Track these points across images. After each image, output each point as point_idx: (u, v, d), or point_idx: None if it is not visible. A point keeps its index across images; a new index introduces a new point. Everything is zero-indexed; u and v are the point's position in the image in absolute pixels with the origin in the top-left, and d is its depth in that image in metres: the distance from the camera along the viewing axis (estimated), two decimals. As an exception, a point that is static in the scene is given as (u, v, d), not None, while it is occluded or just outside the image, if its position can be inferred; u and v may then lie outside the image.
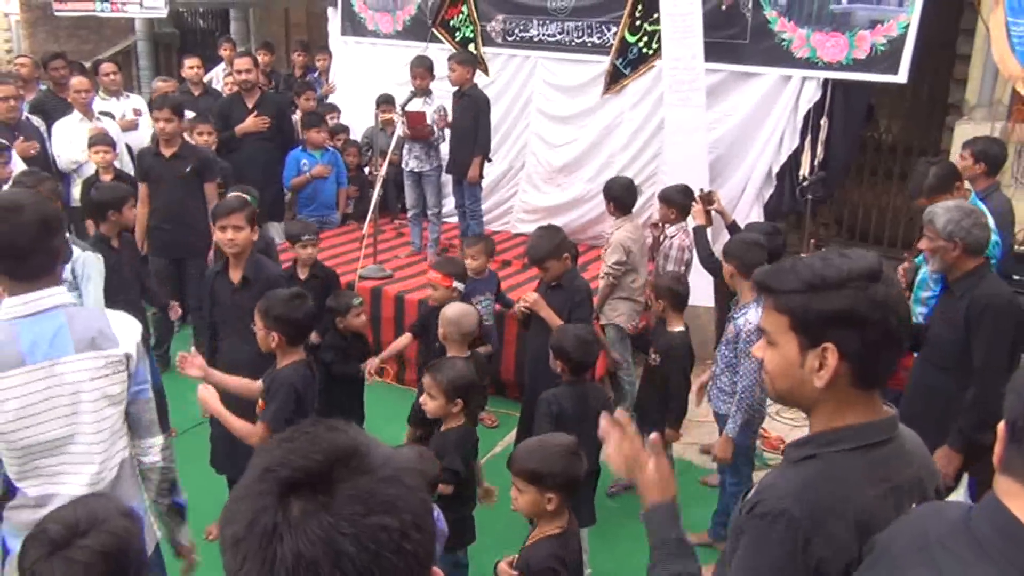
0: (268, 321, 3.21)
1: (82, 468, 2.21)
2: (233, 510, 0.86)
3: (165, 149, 5.60)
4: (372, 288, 5.83)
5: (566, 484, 2.57)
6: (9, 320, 2.12)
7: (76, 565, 1.56)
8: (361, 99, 7.65)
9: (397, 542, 0.83)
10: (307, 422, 0.93)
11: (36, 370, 2.10)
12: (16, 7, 12.38)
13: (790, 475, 1.51)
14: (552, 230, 4.39)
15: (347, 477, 0.84)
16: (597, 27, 6.66)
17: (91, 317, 2.26)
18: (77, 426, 2.18)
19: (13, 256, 2.11)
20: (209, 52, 9.48)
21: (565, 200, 7.02)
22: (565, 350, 3.55)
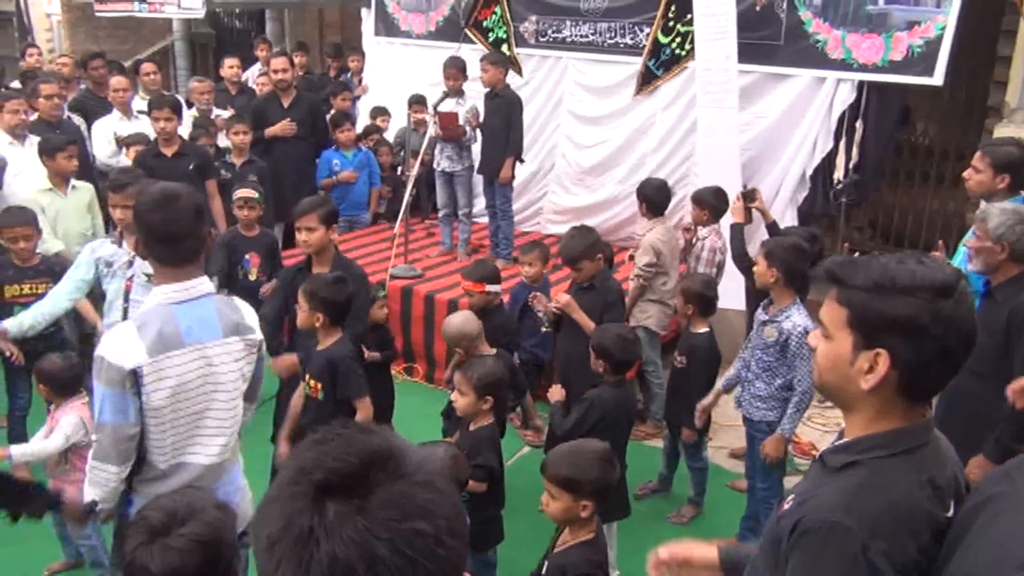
0: (314, 302, 3.34)
1: (212, 440, 2.42)
2: (267, 511, 0.86)
3: (166, 148, 5.70)
4: (402, 287, 5.87)
5: (601, 491, 2.56)
6: (167, 304, 2.31)
7: (173, 552, 1.62)
8: (393, 99, 7.70)
9: (432, 548, 0.82)
10: (339, 422, 0.93)
11: (192, 351, 2.32)
12: (58, 7, 12.63)
13: (835, 485, 1.48)
14: (585, 230, 4.37)
15: (382, 481, 0.84)
16: (630, 28, 6.65)
17: (232, 306, 2.49)
18: (214, 403, 2.40)
19: (169, 241, 2.31)
20: (244, 52, 9.59)
21: (594, 201, 7.01)
22: (607, 349, 3.57)
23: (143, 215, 2.33)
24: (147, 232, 2.34)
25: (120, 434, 2.27)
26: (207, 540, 1.66)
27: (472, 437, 3.30)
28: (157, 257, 2.36)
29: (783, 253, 3.73)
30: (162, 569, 1.62)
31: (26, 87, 6.83)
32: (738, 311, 5.19)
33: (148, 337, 2.25)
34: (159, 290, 2.36)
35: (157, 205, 2.31)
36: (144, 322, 2.29)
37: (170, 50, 11.62)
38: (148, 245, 2.37)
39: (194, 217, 2.34)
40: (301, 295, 3.40)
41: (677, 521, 4.31)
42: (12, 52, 10.98)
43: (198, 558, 1.64)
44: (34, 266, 4.31)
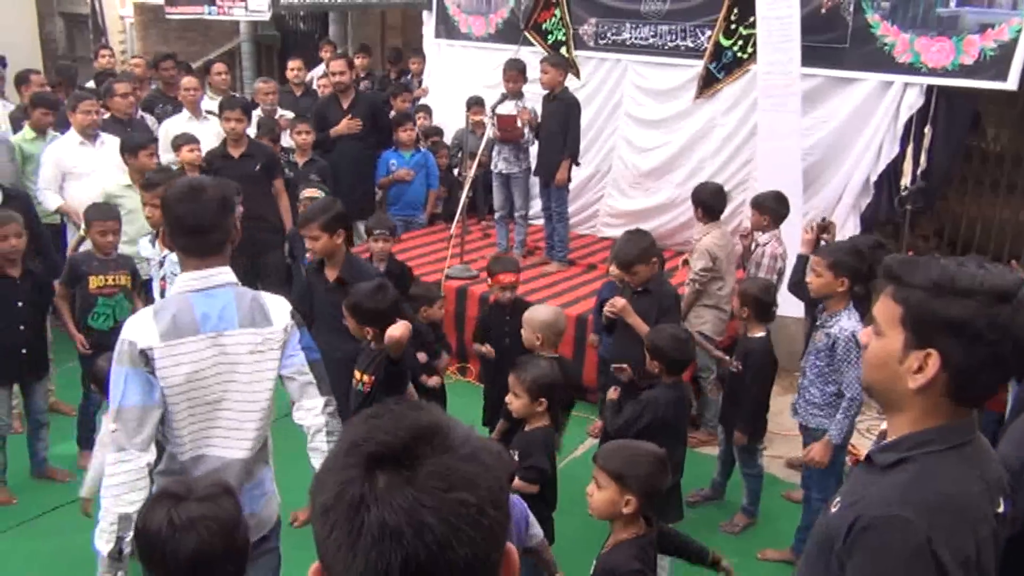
0: (359, 317, 3.35)
1: (231, 434, 2.40)
2: (322, 480, 0.91)
3: (233, 149, 5.82)
4: (457, 287, 5.91)
5: (647, 491, 2.56)
6: (185, 293, 2.33)
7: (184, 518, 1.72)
8: (452, 101, 7.77)
9: (475, 517, 0.86)
10: (392, 400, 0.98)
11: (206, 339, 2.30)
12: (131, 10, 13.05)
13: (886, 482, 1.46)
14: (640, 234, 4.35)
15: (429, 454, 0.88)
16: (691, 31, 6.59)
17: (252, 297, 2.45)
18: (228, 394, 2.37)
19: (195, 232, 2.32)
20: (309, 54, 9.78)
21: (652, 205, 6.97)
22: (662, 349, 3.57)
23: (170, 207, 2.36)
24: (174, 223, 2.37)
25: (143, 416, 2.25)
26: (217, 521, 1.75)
27: (525, 438, 3.30)
28: (183, 248, 2.38)
29: (852, 260, 3.67)
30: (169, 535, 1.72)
31: (100, 87, 7.07)
32: (797, 319, 5.10)
33: (163, 322, 2.27)
34: (179, 278, 2.39)
35: (184, 197, 2.34)
36: (161, 307, 2.33)
37: (236, 52, 11.91)
38: (174, 236, 2.40)
39: (219, 209, 2.35)
40: (345, 310, 3.42)
41: (730, 530, 4.26)
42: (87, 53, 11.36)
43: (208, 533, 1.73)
44: (113, 259, 4.51)
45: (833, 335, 3.68)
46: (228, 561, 1.75)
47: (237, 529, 1.76)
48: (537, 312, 3.89)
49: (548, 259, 6.53)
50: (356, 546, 0.85)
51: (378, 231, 4.84)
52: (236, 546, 1.77)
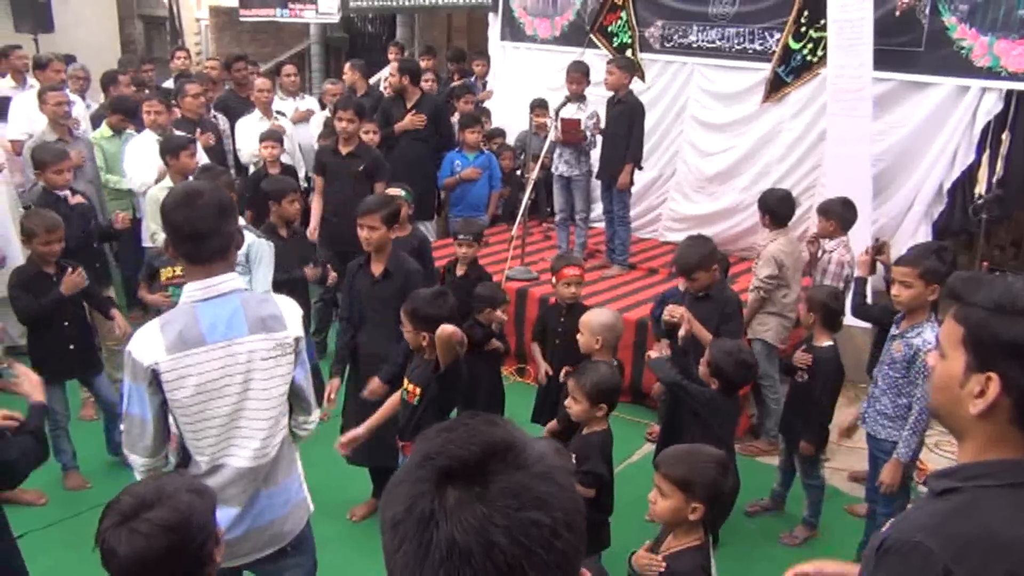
0: (416, 323, 3.35)
1: (247, 443, 2.36)
2: (393, 493, 0.90)
3: (343, 147, 5.93)
4: (518, 289, 5.93)
5: (713, 497, 2.52)
6: (191, 303, 2.29)
7: (139, 536, 1.68)
8: (516, 103, 7.80)
9: (548, 539, 0.83)
10: (466, 414, 0.96)
11: (215, 349, 2.27)
12: (206, 13, 13.44)
13: (927, 508, 1.42)
14: (702, 240, 4.30)
15: (502, 471, 0.86)
16: (759, 33, 6.49)
17: (262, 301, 2.41)
18: (246, 402, 2.34)
19: (193, 238, 2.26)
20: (375, 56, 9.92)
21: (716, 209, 6.89)
22: (722, 370, 3.52)
23: (167, 213, 2.30)
24: (172, 230, 2.30)
25: (143, 428, 2.29)
26: (172, 524, 1.69)
27: (583, 442, 3.29)
28: (184, 255, 2.32)
29: (941, 267, 3.56)
30: (128, 552, 1.68)
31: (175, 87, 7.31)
32: (863, 328, 4.99)
33: (169, 336, 2.23)
34: (185, 289, 2.34)
35: (180, 203, 2.28)
36: (167, 320, 2.28)
37: (306, 54, 12.16)
38: (174, 244, 2.33)
39: (217, 215, 2.27)
40: (404, 316, 3.41)
41: (790, 542, 4.18)
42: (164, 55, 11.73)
43: (163, 542, 1.68)
44: None
45: (915, 346, 3.54)
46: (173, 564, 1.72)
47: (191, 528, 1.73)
48: (596, 316, 3.84)
49: (609, 262, 6.51)
50: (424, 563, 0.83)
51: (462, 236, 4.88)
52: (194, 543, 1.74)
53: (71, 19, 12.43)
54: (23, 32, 11.34)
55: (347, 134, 5.87)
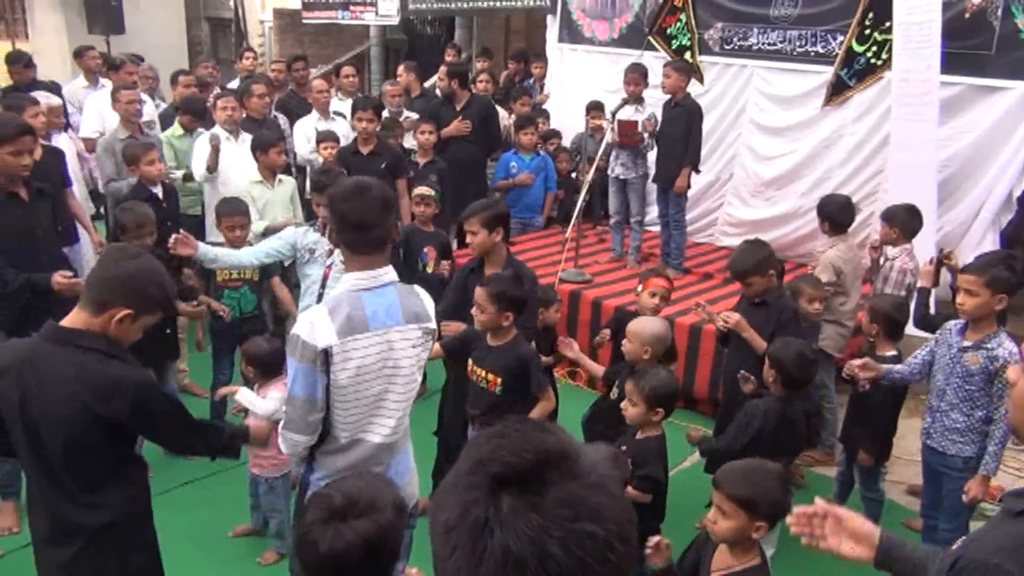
0: (503, 303, 3.40)
1: (386, 421, 2.57)
2: (444, 498, 0.89)
3: (363, 147, 6.02)
4: (571, 291, 5.93)
5: (776, 515, 2.44)
6: (356, 291, 2.48)
7: (341, 540, 1.75)
8: (573, 105, 7.79)
9: (603, 551, 0.83)
10: (515, 419, 0.95)
11: (375, 335, 2.46)
12: (270, 15, 13.72)
13: (1004, 529, 1.37)
14: (758, 244, 4.24)
15: (557, 480, 0.85)
16: (822, 36, 6.38)
17: (413, 294, 2.61)
18: (393, 385, 2.54)
19: (358, 228, 2.46)
20: (434, 58, 10.01)
21: (774, 215, 6.79)
22: (784, 364, 3.47)
23: (337, 204, 2.50)
24: (340, 220, 2.50)
25: (309, 407, 2.44)
26: (374, 541, 1.76)
27: (639, 446, 3.28)
28: (347, 244, 2.52)
29: (1010, 275, 3.42)
30: (327, 551, 1.74)
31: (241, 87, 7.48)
32: (924, 338, 4.85)
33: (338, 320, 2.41)
34: (348, 277, 2.51)
35: (350, 195, 2.47)
36: (335, 306, 2.45)
37: (366, 55, 12.33)
38: (340, 232, 2.53)
39: (382, 208, 2.48)
40: (486, 297, 3.42)
41: (844, 554, 4.09)
42: (229, 56, 12.03)
43: (361, 553, 1.74)
44: None
45: (1002, 358, 3.40)
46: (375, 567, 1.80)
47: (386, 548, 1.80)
48: (646, 325, 3.76)
49: (663, 267, 6.46)
50: (478, 570, 0.82)
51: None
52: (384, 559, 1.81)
53: (141, 21, 12.83)
54: (95, 33, 11.75)
55: (366, 134, 5.97)
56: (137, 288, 2.35)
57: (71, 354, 2.29)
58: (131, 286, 2.35)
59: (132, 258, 2.41)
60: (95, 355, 2.30)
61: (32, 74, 7.71)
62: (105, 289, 2.34)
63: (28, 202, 4.08)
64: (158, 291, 2.41)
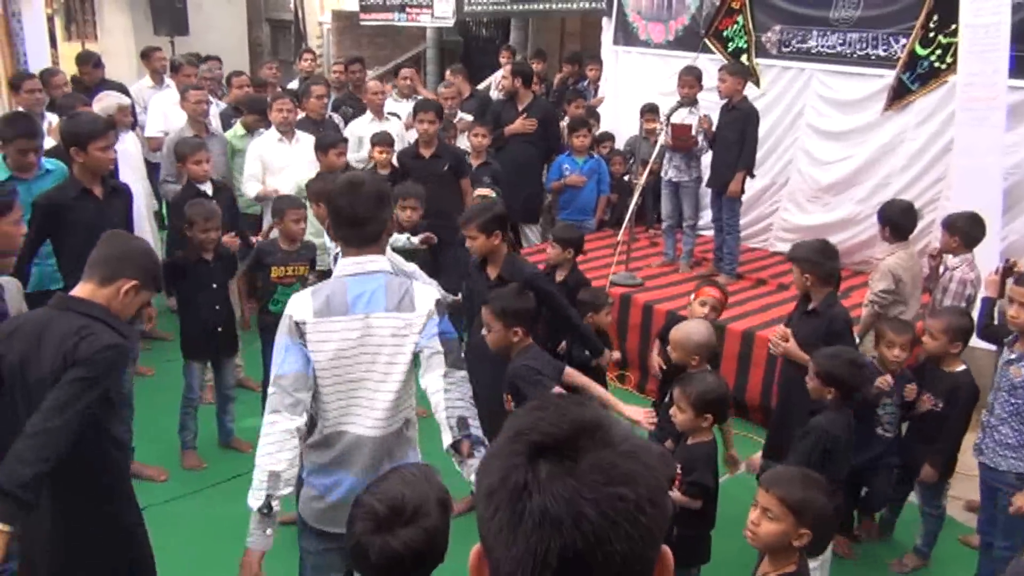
0: (508, 319, 3.41)
1: (369, 412, 2.51)
2: (488, 465, 0.96)
3: (424, 149, 6.04)
4: (621, 295, 5.91)
5: (821, 525, 2.42)
6: (342, 276, 2.52)
7: (390, 549, 1.78)
8: (627, 108, 7.76)
9: (633, 513, 0.88)
10: (555, 394, 1.02)
11: (355, 320, 2.46)
12: (329, 17, 13.95)
13: None
14: (826, 246, 4.11)
15: (591, 448, 0.91)
16: (884, 39, 6.25)
17: (402, 284, 2.57)
18: (372, 374, 2.50)
19: (352, 223, 2.50)
20: (488, 59, 10.06)
21: (830, 220, 6.66)
22: (835, 376, 3.37)
23: (332, 200, 2.56)
24: (335, 215, 2.54)
25: (296, 383, 2.41)
26: (422, 547, 1.79)
27: (688, 452, 3.25)
28: (343, 238, 2.56)
29: None
30: (378, 560, 1.78)
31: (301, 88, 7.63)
32: (987, 350, 4.72)
33: (318, 300, 2.46)
34: (339, 263, 2.57)
35: (344, 191, 2.51)
36: (319, 288, 2.52)
37: (422, 56, 12.45)
38: (335, 227, 2.57)
39: (376, 203, 2.51)
40: (490, 315, 3.46)
41: (899, 570, 4.00)
42: (289, 57, 12.26)
43: (412, 560, 1.78)
44: (296, 250, 4.82)
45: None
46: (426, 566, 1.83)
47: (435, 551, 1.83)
48: (690, 333, 3.67)
49: (716, 271, 6.39)
50: (517, 530, 0.88)
51: (555, 239, 4.89)
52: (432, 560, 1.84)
53: (204, 23, 13.16)
54: (161, 35, 12.09)
55: (428, 136, 5.98)
56: (144, 264, 2.65)
57: (69, 318, 2.49)
58: (140, 261, 2.64)
59: (134, 239, 2.67)
60: (90, 320, 2.50)
61: (101, 74, 7.96)
62: (115, 262, 2.60)
63: (101, 200, 4.20)
64: (156, 269, 2.73)
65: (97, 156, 4.09)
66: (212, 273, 4.63)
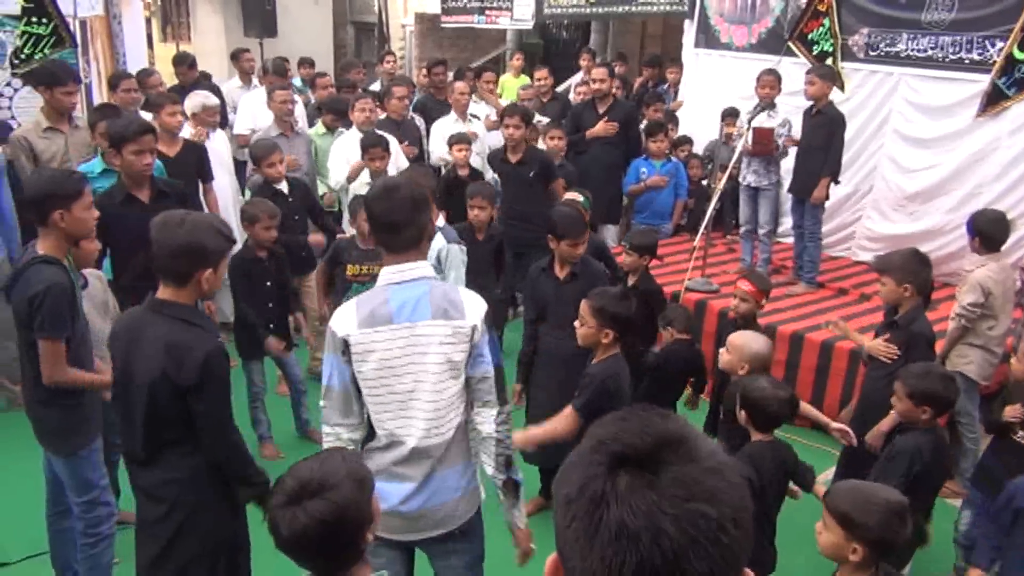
0: (604, 319, 3.39)
1: (419, 423, 2.50)
2: (567, 473, 0.94)
3: (512, 155, 6.06)
4: (696, 301, 5.85)
5: (878, 542, 2.34)
6: (384, 285, 2.51)
7: (298, 522, 1.81)
8: (707, 112, 7.67)
9: (715, 532, 0.85)
10: (640, 406, 0.99)
11: (399, 329, 2.45)
12: (412, 19, 14.17)
13: None
14: (917, 254, 3.97)
15: (673, 461, 0.88)
16: (979, 42, 6.02)
17: (448, 291, 2.56)
18: (421, 383, 2.48)
19: (389, 228, 2.49)
20: (568, 62, 10.07)
21: (916, 230, 6.44)
22: (928, 393, 3.23)
23: (368, 205, 2.55)
24: (372, 220, 2.54)
25: (344, 398, 2.49)
26: (328, 519, 1.81)
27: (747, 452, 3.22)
28: (382, 243, 2.55)
29: None
30: (288, 534, 1.82)
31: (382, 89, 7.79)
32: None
33: (362, 312, 2.45)
34: (382, 272, 2.55)
35: (379, 196, 2.52)
36: (363, 300, 2.50)
37: (501, 59, 12.54)
38: (374, 232, 2.57)
39: (412, 207, 2.48)
40: (587, 310, 3.43)
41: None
42: (372, 58, 12.49)
43: (320, 530, 1.80)
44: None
45: None
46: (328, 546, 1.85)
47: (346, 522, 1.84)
48: (749, 342, 3.61)
49: (795, 279, 6.27)
50: (593, 541, 0.86)
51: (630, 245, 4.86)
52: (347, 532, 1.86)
53: (292, 25, 13.52)
54: (251, 36, 12.48)
55: (514, 140, 5.97)
56: (201, 248, 2.60)
57: (162, 321, 2.60)
58: (195, 249, 2.59)
59: (180, 224, 2.60)
60: (179, 324, 2.59)
61: (195, 74, 8.28)
62: (176, 263, 2.60)
63: (147, 204, 4.20)
64: (217, 237, 2.65)
65: (130, 160, 4.10)
66: (265, 271, 4.74)
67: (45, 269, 3.05)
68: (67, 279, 3.12)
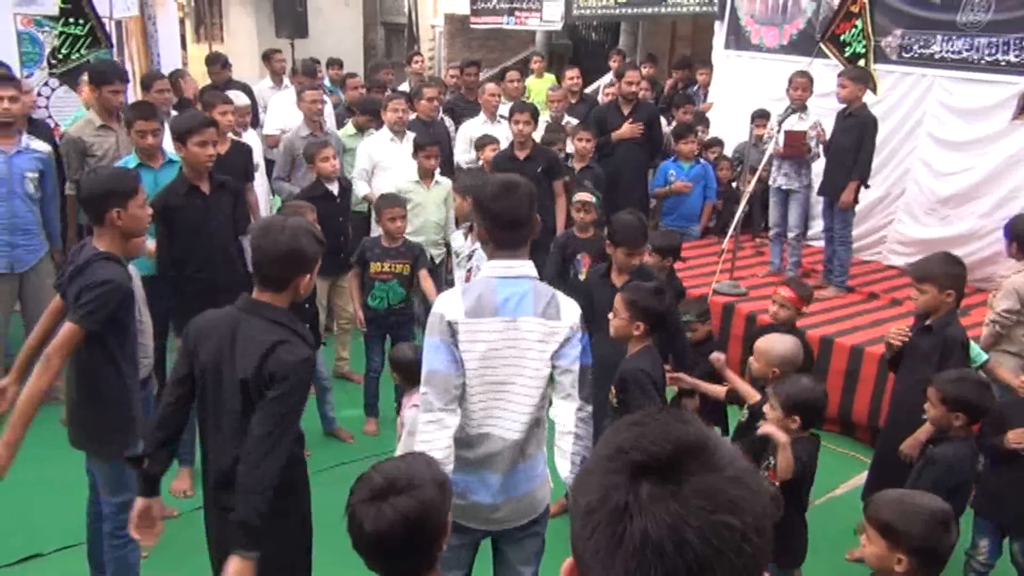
0: (636, 311, 3.42)
1: (514, 416, 2.56)
2: (585, 481, 0.92)
3: (519, 151, 6.07)
4: (724, 304, 5.82)
5: (923, 552, 2.27)
6: (492, 278, 2.56)
7: (384, 518, 1.81)
8: (736, 113, 7.62)
9: (738, 543, 0.84)
10: (656, 408, 0.98)
11: (504, 322, 2.51)
12: (441, 20, 14.24)
13: None
14: (952, 258, 3.90)
15: (696, 471, 0.87)
16: (1016, 43, 5.93)
17: (548, 291, 2.60)
18: (517, 377, 2.54)
19: (512, 226, 2.54)
20: (597, 63, 10.05)
21: (949, 235, 6.35)
22: (962, 400, 3.19)
23: (487, 204, 2.55)
24: (492, 219, 2.54)
25: (448, 382, 2.48)
26: (414, 516, 1.81)
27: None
28: (497, 242, 2.56)
29: None
30: (372, 529, 1.81)
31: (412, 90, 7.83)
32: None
33: (469, 301, 2.49)
34: (487, 265, 2.59)
35: (500, 194, 2.53)
36: (468, 288, 2.56)
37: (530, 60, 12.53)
38: (491, 231, 2.56)
39: (530, 205, 2.54)
40: (620, 302, 3.46)
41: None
42: (401, 59, 12.57)
43: (403, 528, 1.80)
44: (397, 247, 4.93)
45: None
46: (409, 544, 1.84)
47: (429, 523, 1.84)
48: (775, 345, 3.56)
49: (825, 283, 6.21)
50: (616, 553, 0.85)
51: (653, 247, 4.86)
52: (428, 534, 1.86)
53: (323, 26, 13.65)
54: (282, 37, 12.60)
55: (523, 137, 5.99)
56: (302, 255, 2.58)
57: (259, 323, 2.56)
58: (297, 256, 2.57)
59: (281, 231, 2.58)
60: (277, 327, 2.56)
61: (228, 74, 8.36)
62: (277, 268, 2.58)
63: (208, 195, 4.32)
64: (314, 242, 2.63)
65: (195, 151, 4.21)
66: None
67: (109, 265, 3.07)
68: (127, 279, 3.13)
